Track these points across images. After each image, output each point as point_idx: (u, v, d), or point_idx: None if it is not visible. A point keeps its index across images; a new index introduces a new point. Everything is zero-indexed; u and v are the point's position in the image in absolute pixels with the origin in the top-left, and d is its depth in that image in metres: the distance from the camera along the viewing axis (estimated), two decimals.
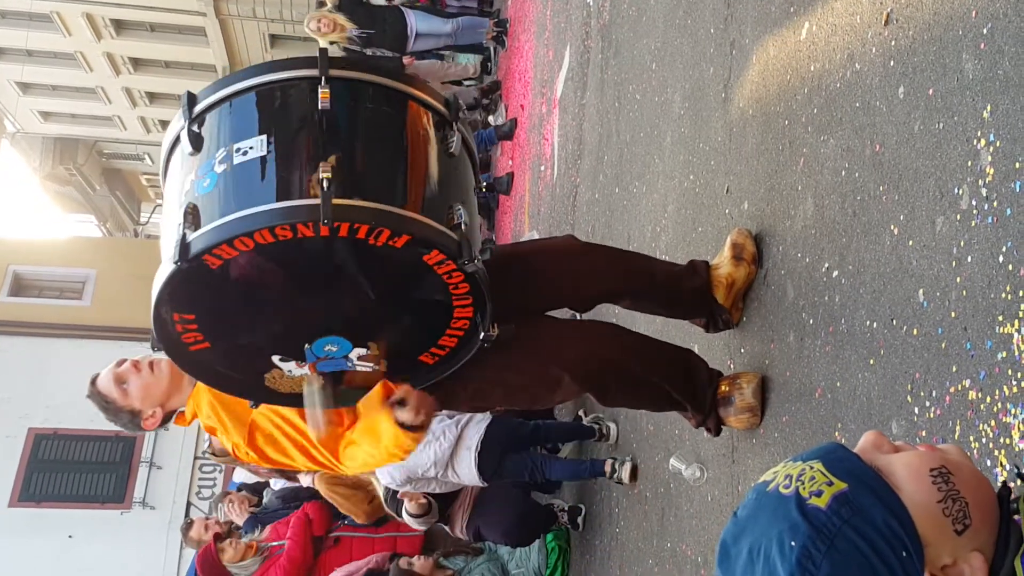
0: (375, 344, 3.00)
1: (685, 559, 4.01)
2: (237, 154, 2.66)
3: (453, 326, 2.98)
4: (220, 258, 2.56)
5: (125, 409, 3.35)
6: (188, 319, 2.75)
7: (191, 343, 2.82)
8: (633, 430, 5.02)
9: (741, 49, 3.79)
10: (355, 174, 2.71)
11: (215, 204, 2.62)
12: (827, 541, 1.10)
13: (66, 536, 19.22)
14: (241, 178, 2.66)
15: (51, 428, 19.97)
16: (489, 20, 12.23)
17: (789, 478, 1.17)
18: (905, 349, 2.48)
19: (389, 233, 2.59)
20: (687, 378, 3.41)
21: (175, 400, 3.36)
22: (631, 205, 5.38)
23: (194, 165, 2.73)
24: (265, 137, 2.70)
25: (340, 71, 2.80)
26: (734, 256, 3.44)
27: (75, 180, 34.44)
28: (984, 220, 2.19)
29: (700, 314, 3.55)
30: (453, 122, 2.95)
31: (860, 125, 2.78)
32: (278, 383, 3.04)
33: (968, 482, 1.16)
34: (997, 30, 2.18)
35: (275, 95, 2.84)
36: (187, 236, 2.55)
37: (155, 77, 31.02)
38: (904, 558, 1.10)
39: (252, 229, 2.52)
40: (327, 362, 3.00)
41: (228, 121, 2.81)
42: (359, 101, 2.86)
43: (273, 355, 2.95)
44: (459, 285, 2.82)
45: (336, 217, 2.51)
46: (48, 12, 27.36)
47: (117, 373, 3.34)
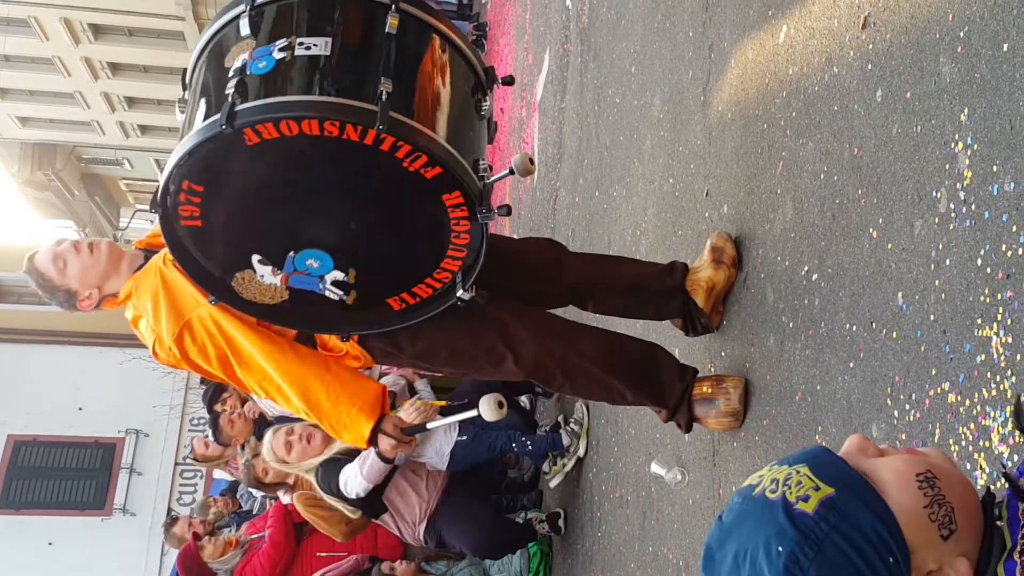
0: (354, 271, 3.01)
1: (667, 563, 4.00)
2: (300, 47, 2.72)
3: (435, 276, 3.03)
4: (260, 136, 2.60)
5: (61, 288, 3.34)
6: (196, 190, 2.76)
7: (185, 216, 2.83)
8: (614, 433, 5.01)
9: (720, 52, 3.79)
10: (409, 97, 2.80)
11: (268, 84, 2.68)
12: (815, 547, 1.09)
13: (46, 543, 19.11)
14: (300, 69, 2.73)
15: (31, 435, 19.87)
16: (468, 23, 12.23)
17: (775, 482, 1.16)
18: (884, 352, 2.48)
19: (425, 160, 2.68)
20: (646, 376, 3.40)
21: (112, 284, 3.34)
22: (611, 209, 5.37)
23: (248, 48, 2.77)
24: (330, 40, 2.77)
25: (410, 6, 2.91)
26: (714, 260, 3.44)
27: (54, 185, 34.29)
28: (962, 223, 2.19)
29: (676, 314, 3.55)
30: (489, 90, 3.12)
31: (838, 128, 2.79)
32: (243, 286, 3.06)
33: (953, 487, 1.15)
34: (974, 33, 2.18)
35: (346, 6, 2.93)
36: (236, 104, 2.58)
37: (133, 82, 30.90)
38: (891, 564, 1.09)
39: (302, 115, 2.57)
40: (301, 276, 3.04)
41: (294, 16, 2.89)
42: (420, 38, 2.97)
43: (255, 254, 2.97)
44: (462, 235, 2.89)
45: (389, 129, 2.58)
46: (25, 17, 27.24)
47: (56, 252, 3.32)
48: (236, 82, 2.62)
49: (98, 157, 36.46)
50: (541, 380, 3.40)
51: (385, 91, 2.63)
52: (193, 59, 3.01)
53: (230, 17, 2.88)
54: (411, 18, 2.90)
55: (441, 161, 2.70)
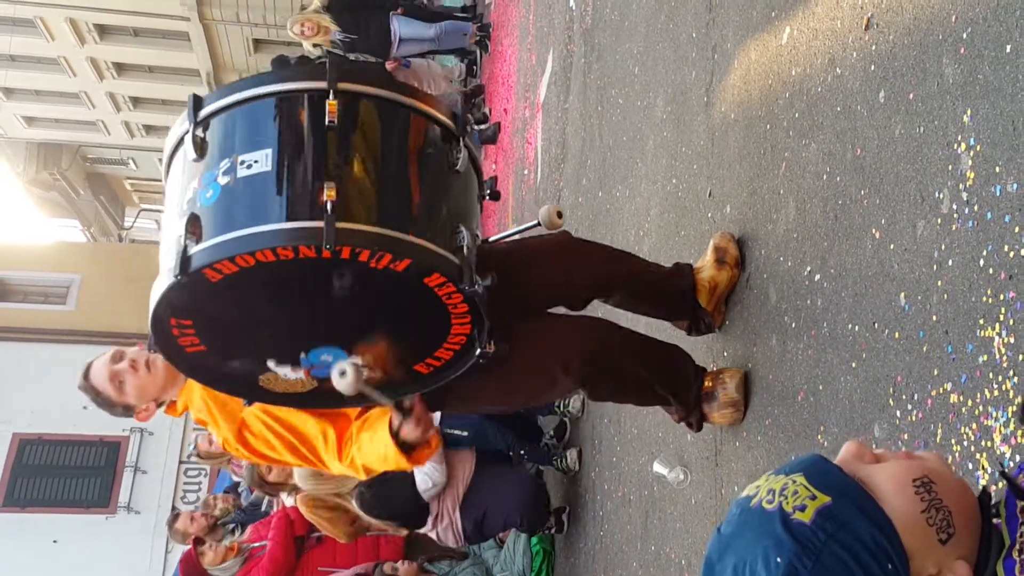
0: (370, 354, 3.00)
1: (669, 562, 4.01)
2: (241, 167, 2.67)
3: (450, 340, 2.99)
4: (220, 272, 2.58)
5: (119, 404, 3.39)
6: (185, 324, 2.75)
7: (188, 346, 2.83)
8: (617, 433, 5.01)
9: (723, 53, 3.79)
10: (359, 196, 2.72)
11: (217, 217, 2.63)
12: (813, 556, 1.09)
13: (51, 541, 19.16)
14: (244, 193, 2.67)
15: (35, 433, 19.92)
16: (472, 24, 12.24)
17: (772, 493, 1.16)
18: (887, 352, 2.48)
19: (391, 257, 2.61)
20: (672, 373, 3.40)
21: (169, 393, 3.41)
22: (614, 209, 5.38)
23: (197, 172, 2.73)
24: (271, 151, 2.70)
25: (349, 84, 2.79)
26: (717, 260, 3.45)
27: (59, 185, 34.33)
28: (965, 224, 2.19)
29: (683, 316, 3.55)
30: (460, 137, 2.94)
31: (841, 129, 2.79)
32: (273, 384, 3.04)
33: (950, 490, 1.16)
34: (977, 35, 2.19)
35: (282, 106, 2.83)
36: (188, 248, 2.57)
37: (139, 82, 30.92)
38: (890, 570, 1.09)
39: (254, 249, 2.54)
40: (322, 369, 3.00)
41: (234, 129, 2.81)
42: (367, 116, 2.86)
43: (268, 360, 2.96)
44: (458, 305, 2.83)
45: (339, 241, 2.53)
46: (31, 17, 27.26)
47: (114, 371, 3.35)
48: (187, 220, 2.60)
49: (103, 157, 36.49)
50: (590, 388, 3.37)
51: (330, 201, 2.55)
52: (163, 173, 2.99)
53: (179, 135, 2.84)
54: (352, 96, 2.79)
55: (406, 254, 2.63)
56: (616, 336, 3.43)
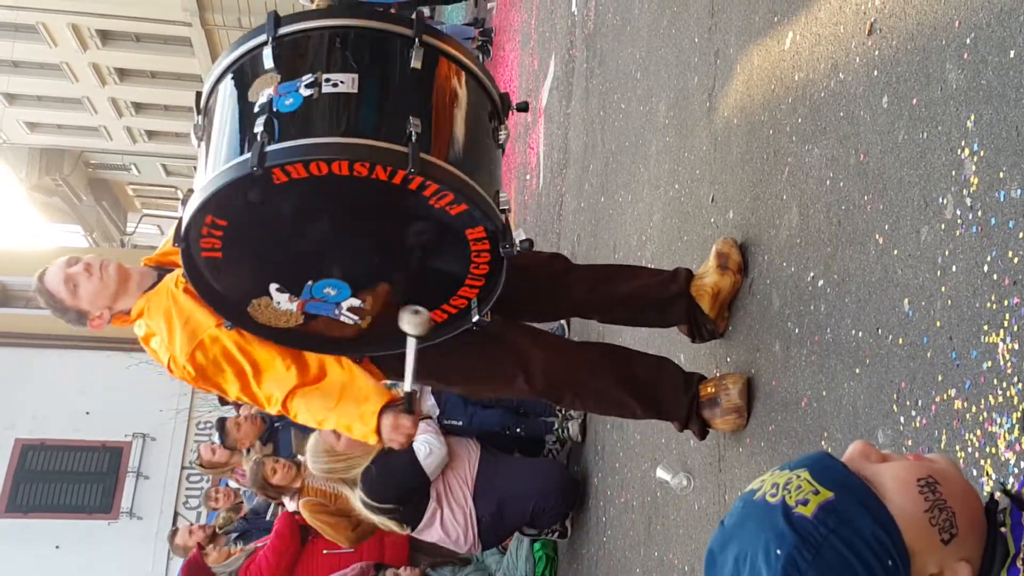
0: (370, 299, 3.03)
1: (672, 568, 4.00)
2: (326, 84, 2.71)
3: (451, 302, 3.04)
4: (288, 176, 2.60)
5: (72, 308, 3.36)
6: (219, 224, 2.76)
7: (206, 248, 2.84)
8: (620, 439, 5.01)
9: (725, 59, 3.79)
10: (438, 134, 2.81)
11: (296, 124, 2.68)
12: (813, 550, 1.10)
13: (53, 546, 19.17)
14: (328, 107, 2.73)
15: (38, 439, 19.93)
16: (474, 29, 12.25)
17: (776, 487, 1.17)
18: (891, 358, 2.48)
19: (452, 198, 2.69)
20: (657, 391, 3.43)
21: (122, 302, 3.36)
22: (617, 214, 5.37)
23: (272, 82, 2.76)
24: (357, 76, 2.76)
25: (432, 39, 2.90)
26: (719, 265, 3.44)
27: (61, 191, 34.35)
28: (969, 230, 2.19)
29: (679, 321, 3.56)
30: (504, 116, 3.11)
31: (844, 134, 2.78)
32: (258, 311, 3.07)
33: (955, 492, 1.16)
34: (980, 40, 2.18)
35: (369, 40, 2.91)
36: (266, 144, 2.58)
37: (141, 87, 30.98)
38: (890, 567, 1.09)
39: (332, 157, 2.57)
40: (318, 303, 3.05)
41: (318, 50, 2.88)
42: (443, 71, 2.96)
43: (273, 283, 2.98)
44: (481, 265, 2.92)
45: (420, 171, 2.59)
46: (33, 23, 27.32)
47: (68, 273, 3.33)
48: (264, 120, 2.62)
49: (105, 162, 36.53)
50: (552, 399, 3.43)
51: (415, 131, 2.62)
52: (209, 84, 2.99)
53: (251, 46, 2.86)
54: (433, 50, 2.90)
55: (467, 199, 2.71)
56: (589, 356, 3.50)
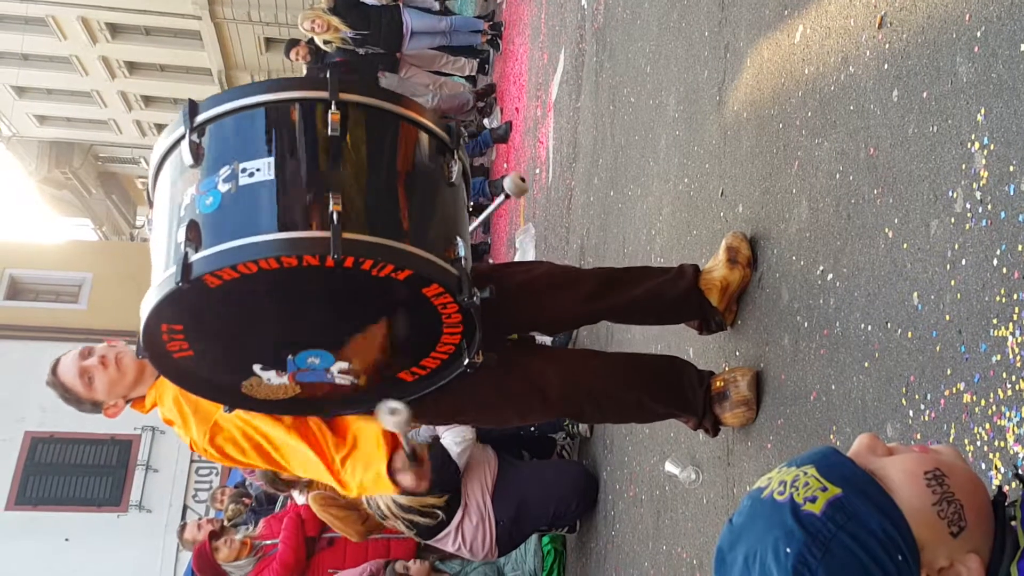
0: (357, 359, 3.01)
1: (681, 562, 4.00)
2: (243, 175, 2.67)
3: (439, 349, 3.02)
4: (220, 279, 2.58)
5: (87, 401, 3.38)
6: (176, 329, 2.76)
7: (176, 351, 2.84)
8: (628, 433, 5.01)
9: (735, 52, 3.78)
10: (362, 206, 2.74)
11: (218, 225, 2.64)
12: (822, 547, 1.09)
13: (63, 539, 19.21)
14: (246, 201, 2.67)
15: (47, 431, 19.97)
16: (484, 22, 12.23)
17: (783, 484, 1.17)
18: (900, 352, 2.48)
19: (392, 267, 2.64)
20: (671, 387, 3.41)
21: (137, 391, 3.39)
22: (626, 208, 5.37)
23: (195, 178, 2.73)
24: (273, 160, 2.71)
25: (350, 95, 2.80)
26: (729, 259, 3.44)
27: (71, 184, 34.45)
28: (978, 223, 2.19)
29: (690, 316, 3.56)
30: (455, 150, 2.99)
31: (854, 128, 2.78)
32: (255, 390, 3.06)
33: (963, 484, 1.15)
34: (991, 33, 2.18)
35: (283, 115, 2.84)
36: (189, 256, 2.57)
37: (151, 81, 31.01)
38: (900, 562, 1.09)
39: (257, 257, 2.54)
40: (307, 373, 3.03)
41: (233, 137, 2.81)
42: (367, 127, 2.88)
43: (255, 364, 2.97)
44: (452, 315, 2.87)
45: (345, 252, 2.55)
46: (43, 16, 27.35)
47: (83, 367, 3.35)
48: (187, 227, 2.60)
49: (115, 156, 36.62)
50: (572, 415, 3.41)
51: (335, 212, 2.57)
52: (151, 176, 2.97)
53: (173, 139, 2.82)
54: (353, 108, 2.81)
55: (409, 265, 2.66)
56: (597, 363, 3.47)
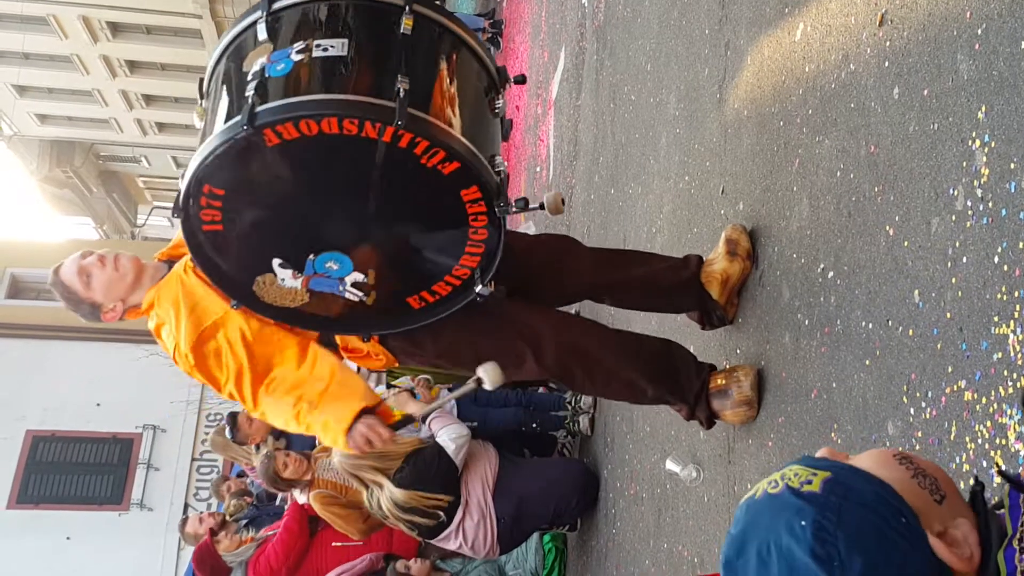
0: (373, 272, 3.03)
1: (682, 559, 4.00)
2: (317, 49, 2.76)
3: (454, 272, 3.04)
4: (280, 136, 2.62)
5: (86, 301, 3.37)
6: (216, 194, 2.78)
7: (207, 221, 2.86)
8: (630, 431, 5.01)
9: (736, 50, 3.78)
10: (425, 95, 2.81)
11: (287, 85, 2.71)
12: (835, 514, 1.11)
13: (64, 538, 19.19)
14: (318, 70, 2.76)
15: (49, 430, 19.95)
16: (484, 20, 12.25)
17: (773, 482, 1.19)
18: (901, 350, 2.48)
19: (444, 155, 2.71)
20: (665, 371, 3.41)
21: (135, 296, 3.38)
22: (627, 206, 5.37)
23: (265, 51, 2.80)
24: (347, 41, 2.79)
25: (424, 8, 2.92)
26: (728, 252, 3.44)
27: (72, 183, 34.42)
28: (979, 221, 2.18)
29: (693, 307, 3.56)
30: (501, 89, 3.13)
31: (855, 126, 2.78)
32: (264, 290, 3.08)
33: (928, 464, 1.21)
34: (991, 31, 2.18)
35: (361, 10, 2.94)
36: (256, 105, 2.61)
37: (151, 80, 30.98)
38: (903, 524, 1.11)
39: (321, 113, 2.59)
40: (321, 279, 3.06)
41: (310, 21, 2.91)
42: (434, 39, 2.98)
43: (275, 258, 3.00)
44: (479, 230, 2.91)
45: (407, 126, 2.60)
46: (44, 15, 27.33)
47: (82, 265, 3.35)
48: (256, 84, 2.66)
49: (116, 154, 36.58)
50: (562, 378, 3.41)
51: (403, 88, 2.65)
52: (210, 66, 3.02)
53: (247, 23, 2.90)
54: (425, 19, 2.92)
55: (459, 156, 2.72)
56: (599, 335, 3.46)
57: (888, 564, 1.10)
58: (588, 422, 6.01)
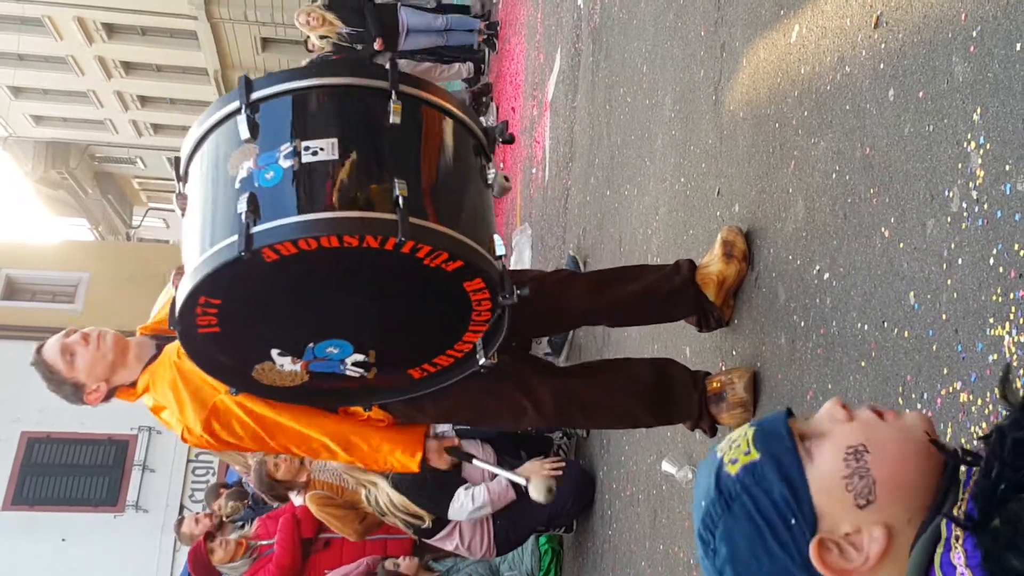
0: (374, 352, 3.02)
1: (678, 561, 4.00)
2: (306, 153, 2.66)
3: (455, 347, 3.02)
4: (279, 253, 2.57)
5: (68, 381, 3.37)
6: (213, 303, 2.74)
7: (203, 326, 2.82)
8: (625, 432, 5.01)
9: (731, 52, 3.78)
10: (420, 194, 2.74)
11: (280, 200, 2.63)
12: (725, 505, 1.27)
13: (59, 539, 19.18)
14: (310, 178, 2.67)
15: (44, 432, 19.94)
16: (480, 22, 12.24)
17: (730, 442, 1.34)
18: (896, 351, 2.48)
19: (446, 256, 2.65)
20: (664, 400, 3.44)
21: (120, 375, 3.39)
22: (622, 208, 5.37)
23: (252, 152, 2.71)
24: (336, 141, 2.70)
25: (409, 88, 2.82)
26: (724, 253, 3.44)
27: (67, 184, 34.40)
28: (974, 222, 2.19)
29: (687, 313, 3.56)
30: (491, 152, 3.03)
31: (850, 128, 2.78)
32: (263, 375, 3.07)
33: (887, 460, 1.23)
34: (987, 33, 2.18)
35: (345, 99, 2.86)
36: (251, 227, 2.55)
37: (147, 81, 30.97)
38: (792, 525, 1.23)
39: (320, 234, 2.54)
40: (322, 363, 3.04)
41: (292, 116, 2.82)
42: (423, 121, 2.89)
43: (274, 349, 2.97)
44: (483, 312, 2.88)
45: (411, 236, 2.55)
46: (39, 16, 27.31)
47: (65, 344, 3.35)
48: (247, 198, 2.58)
49: (111, 156, 36.56)
50: (564, 423, 3.45)
51: (401, 196, 2.58)
52: (187, 151, 2.92)
53: (225, 114, 2.80)
54: (412, 100, 2.82)
55: (462, 256, 2.67)
56: (590, 382, 3.51)
57: (754, 558, 1.25)
58: None
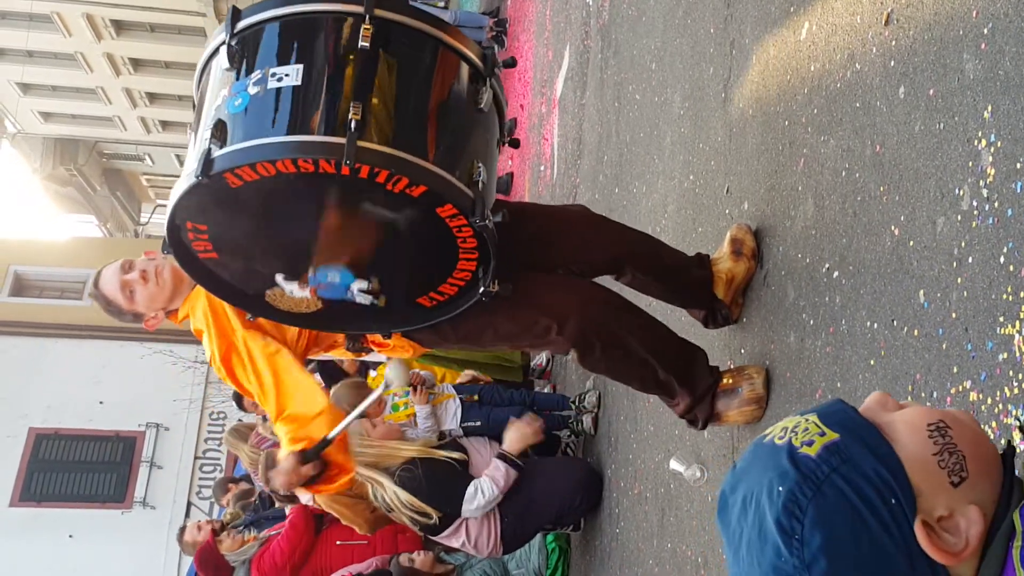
0: (375, 279, 3.05)
1: (685, 559, 4.00)
2: (272, 79, 2.72)
3: (455, 276, 3.05)
4: (240, 179, 2.63)
5: (128, 312, 3.55)
6: (200, 229, 2.82)
7: (201, 251, 2.91)
8: (633, 430, 5.01)
9: (741, 49, 3.78)
10: (385, 119, 2.76)
11: (243, 125, 2.69)
12: (814, 487, 1.13)
13: (67, 536, 19.23)
14: (272, 104, 2.73)
15: (52, 428, 19.99)
16: (489, 18, 12.24)
17: (785, 430, 1.21)
18: (906, 350, 2.47)
19: (407, 182, 2.66)
20: (683, 362, 3.38)
21: (176, 302, 3.54)
22: (631, 205, 5.37)
23: (229, 81, 2.80)
24: (302, 67, 2.75)
25: (385, 12, 2.82)
26: (733, 251, 3.44)
27: (76, 181, 34.43)
28: (985, 221, 2.18)
29: (699, 305, 3.55)
30: (488, 77, 3.00)
31: (860, 125, 2.78)
32: (278, 300, 3.13)
33: (967, 437, 1.17)
34: (998, 30, 2.17)
35: (318, 25, 2.87)
36: (212, 151, 2.62)
37: (155, 78, 31.02)
38: (893, 505, 1.11)
39: (275, 157, 2.58)
40: (327, 289, 3.08)
41: (268, 43, 2.87)
42: (398, 44, 2.88)
43: (277, 274, 3.03)
44: (467, 239, 2.89)
45: (359, 159, 2.57)
46: (48, 13, 27.36)
47: (124, 280, 3.49)
48: (214, 124, 2.66)
49: (120, 152, 36.60)
50: (581, 350, 3.35)
51: (353, 120, 2.59)
52: (195, 82, 3.04)
53: (215, 45, 2.89)
54: (388, 24, 2.82)
55: (422, 181, 2.66)
56: (623, 309, 3.39)
57: (854, 544, 1.12)
58: (592, 422, 6.00)
